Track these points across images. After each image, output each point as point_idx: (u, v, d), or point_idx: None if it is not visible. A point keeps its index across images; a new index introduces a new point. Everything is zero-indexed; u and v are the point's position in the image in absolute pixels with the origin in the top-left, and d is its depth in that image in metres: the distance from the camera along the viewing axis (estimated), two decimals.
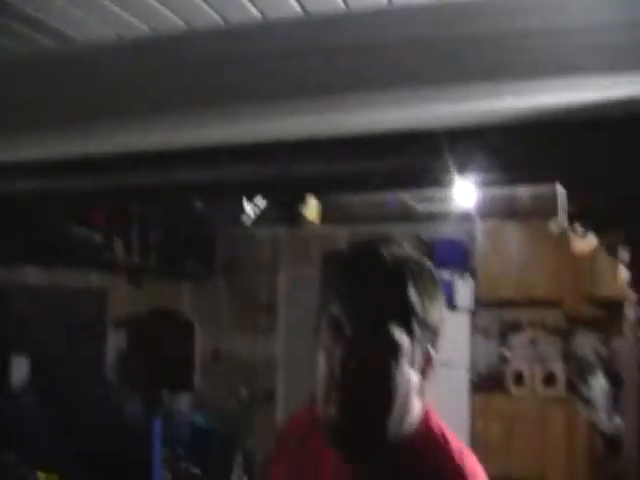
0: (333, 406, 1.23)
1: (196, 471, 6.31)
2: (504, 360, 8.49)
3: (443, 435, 1.32)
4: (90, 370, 6.51)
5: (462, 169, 2.66)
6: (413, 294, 1.24)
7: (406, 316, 1.23)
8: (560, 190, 3.59)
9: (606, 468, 5.46)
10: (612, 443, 5.12)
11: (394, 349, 1.22)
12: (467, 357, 8.04)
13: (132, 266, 6.97)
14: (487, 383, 8.28)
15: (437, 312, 1.30)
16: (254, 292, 9.17)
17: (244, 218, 4.98)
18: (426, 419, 1.34)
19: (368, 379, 1.22)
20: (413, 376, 1.28)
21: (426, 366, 1.30)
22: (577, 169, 2.84)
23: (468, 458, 1.29)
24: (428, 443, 1.30)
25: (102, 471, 5.09)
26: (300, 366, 8.19)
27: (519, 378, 8.10)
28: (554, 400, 7.83)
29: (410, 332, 1.24)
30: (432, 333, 1.29)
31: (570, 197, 3.59)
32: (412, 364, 1.26)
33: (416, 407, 1.32)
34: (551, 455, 7.50)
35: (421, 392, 1.31)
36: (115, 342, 6.47)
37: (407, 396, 1.27)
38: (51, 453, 5.12)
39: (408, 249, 1.31)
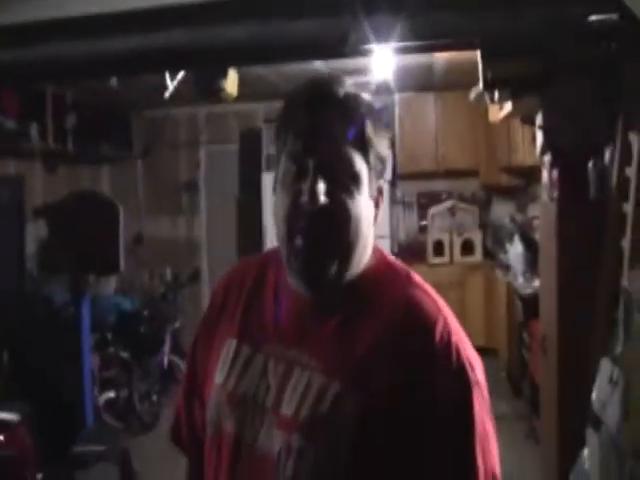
0: (300, 238, 1.27)
1: (125, 355, 6.37)
2: (424, 230, 8.70)
3: (404, 268, 1.39)
4: (12, 259, 6.43)
5: (379, 35, 2.64)
6: (369, 126, 1.30)
7: (364, 146, 1.29)
8: (478, 58, 3.59)
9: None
10: (530, 305, 5.31)
11: (356, 178, 1.28)
12: (387, 229, 8.15)
13: (48, 152, 6.80)
14: (407, 253, 8.46)
15: (385, 146, 1.36)
16: (174, 173, 9.06)
17: (165, 94, 4.84)
18: (382, 253, 1.41)
19: (335, 208, 1.26)
20: (371, 206, 1.34)
21: (378, 197, 1.37)
22: (494, 35, 2.85)
23: (431, 289, 1.37)
24: (393, 271, 1.38)
25: (33, 360, 5.10)
26: (224, 244, 8.29)
27: (439, 247, 8.32)
28: (473, 267, 8.11)
29: (368, 162, 1.30)
30: (382, 165, 1.36)
31: (487, 64, 3.60)
32: (370, 194, 1.32)
33: (372, 238, 1.37)
34: (472, 320, 7.79)
35: (375, 222, 1.37)
36: (36, 230, 6.38)
37: (369, 225, 1.33)
38: None
39: (355, 89, 1.35)
